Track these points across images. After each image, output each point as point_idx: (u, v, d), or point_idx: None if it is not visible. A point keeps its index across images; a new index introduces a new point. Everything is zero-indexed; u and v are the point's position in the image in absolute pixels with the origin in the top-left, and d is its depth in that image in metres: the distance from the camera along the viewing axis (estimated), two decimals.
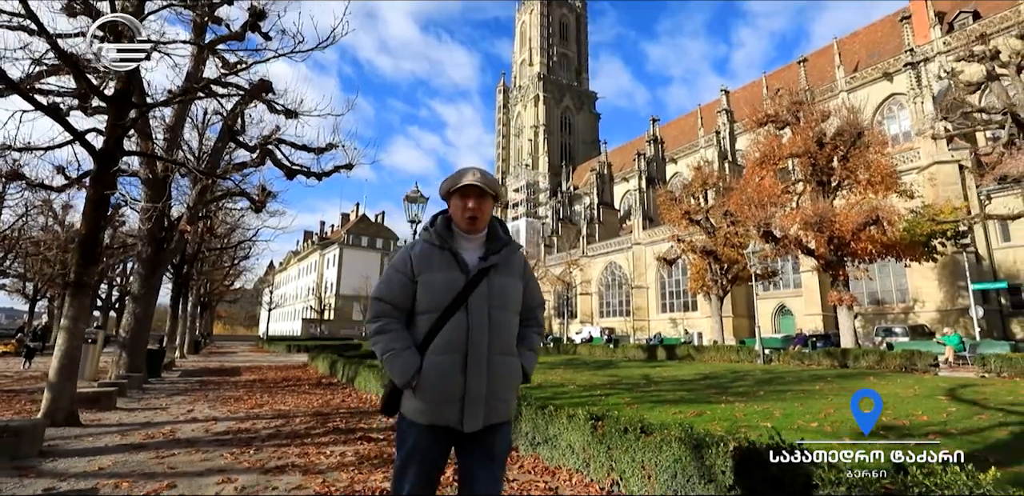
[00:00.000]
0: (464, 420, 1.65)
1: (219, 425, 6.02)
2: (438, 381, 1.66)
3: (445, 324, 1.69)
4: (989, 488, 1.86)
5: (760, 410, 6.21)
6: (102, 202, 6.39)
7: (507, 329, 1.78)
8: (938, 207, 19.55)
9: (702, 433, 2.97)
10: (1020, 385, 8.83)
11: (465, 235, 1.82)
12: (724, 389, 8.60)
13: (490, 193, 1.80)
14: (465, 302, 1.71)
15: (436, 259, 1.75)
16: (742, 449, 2.67)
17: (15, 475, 3.81)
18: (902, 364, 12.02)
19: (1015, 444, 4.38)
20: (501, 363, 1.74)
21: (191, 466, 4.14)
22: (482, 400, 1.67)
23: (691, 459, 2.87)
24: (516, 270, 1.86)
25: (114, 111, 6.48)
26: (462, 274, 1.74)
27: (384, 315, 1.76)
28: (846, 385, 8.82)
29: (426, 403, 1.67)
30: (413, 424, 1.69)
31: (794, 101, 21.10)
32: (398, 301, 1.76)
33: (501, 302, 1.76)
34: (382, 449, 4.72)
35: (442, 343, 1.68)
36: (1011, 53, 16.30)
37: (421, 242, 1.82)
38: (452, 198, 1.83)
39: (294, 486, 3.58)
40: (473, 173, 1.79)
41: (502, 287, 1.77)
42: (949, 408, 6.14)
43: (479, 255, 1.80)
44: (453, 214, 1.83)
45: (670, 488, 2.95)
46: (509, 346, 1.78)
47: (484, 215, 1.82)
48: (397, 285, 1.76)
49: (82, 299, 5.89)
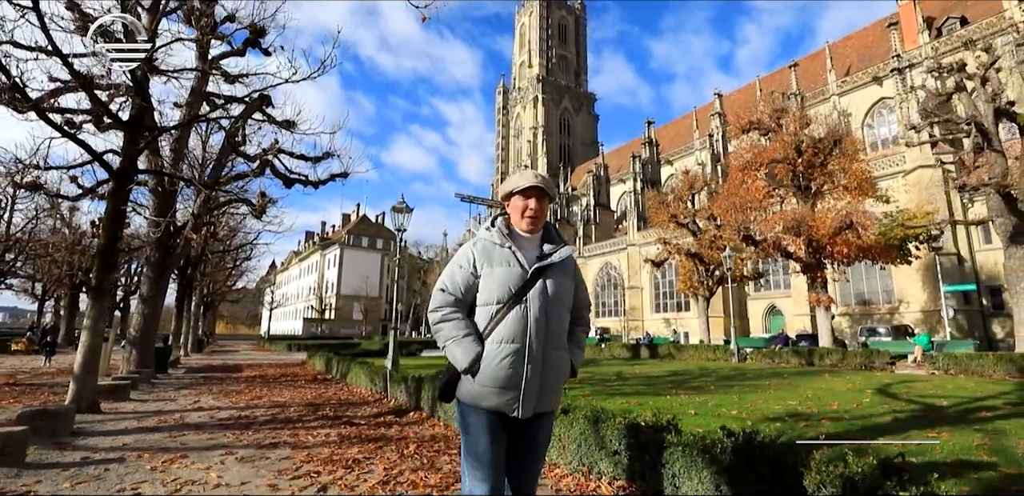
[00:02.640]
0: (519, 407, 1.75)
1: (222, 413, 6.84)
2: (497, 368, 1.74)
3: (506, 316, 1.78)
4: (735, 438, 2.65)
5: (698, 401, 7.00)
6: (119, 216, 7.21)
7: (561, 325, 1.87)
8: (911, 212, 20.26)
9: (602, 412, 3.76)
10: (957, 381, 9.60)
11: (524, 235, 1.93)
12: (681, 384, 9.40)
13: (548, 195, 1.93)
14: (524, 297, 1.80)
15: (497, 255, 1.86)
16: (628, 424, 3.47)
17: (56, 448, 4.63)
18: (862, 362, 12.79)
19: (887, 426, 5.15)
20: (555, 357, 1.83)
21: (199, 443, 4.95)
22: (536, 390, 1.76)
23: (591, 432, 3.66)
24: (570, 271, 1.96)
25: (129, 135, 7.29)
26: (522, 270, 1.83)
27: (447, 305, 1.86)
28: (795, 381, 9.60)
29: (485, 388, 1.76)
30: (472, 408, 1.80)
31: (776, 108, 21.85)
32: (460, 293, 1.86)
33: (557, 299, 1.85)
34: (362, 431, 5.52)
35: (503, 333, 1.77)
36: (978, 65, 17.05)
37: (483, 240, 1.91)
38: (513, 199, 1.93)
39: (284, 457, 4.39)
40: (535, 175, 1.91)
41: (557, 285, 1.86)
42: (864, 400, 6.92)
43: (536, 254, 1.91)
44: (512, 215, 1.94)
45: (576, 454, 3.75)
46: (562, 341, 1.88)
47: (543, 215, 1.93)
48: (460, 278, 1.87)
49: (102, 302, 6.70)
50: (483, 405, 1.76)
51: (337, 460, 4.26)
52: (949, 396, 7.27)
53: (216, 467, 4.04)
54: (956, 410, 6.07)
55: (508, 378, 1.74)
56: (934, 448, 3.90)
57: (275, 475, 3.81)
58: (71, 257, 26.82)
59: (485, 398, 1.75)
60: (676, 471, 2.94)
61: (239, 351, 31.01)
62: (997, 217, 15.63)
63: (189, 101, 11.89)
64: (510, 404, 1.74)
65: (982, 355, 11.30)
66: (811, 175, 19.84)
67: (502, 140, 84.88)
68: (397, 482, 3.63)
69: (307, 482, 3.64)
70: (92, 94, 7.01)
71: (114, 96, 8.87)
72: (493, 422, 1.77)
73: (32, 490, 3.44)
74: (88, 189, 10.97)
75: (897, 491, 2.06)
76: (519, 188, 1.89)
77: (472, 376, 1.77)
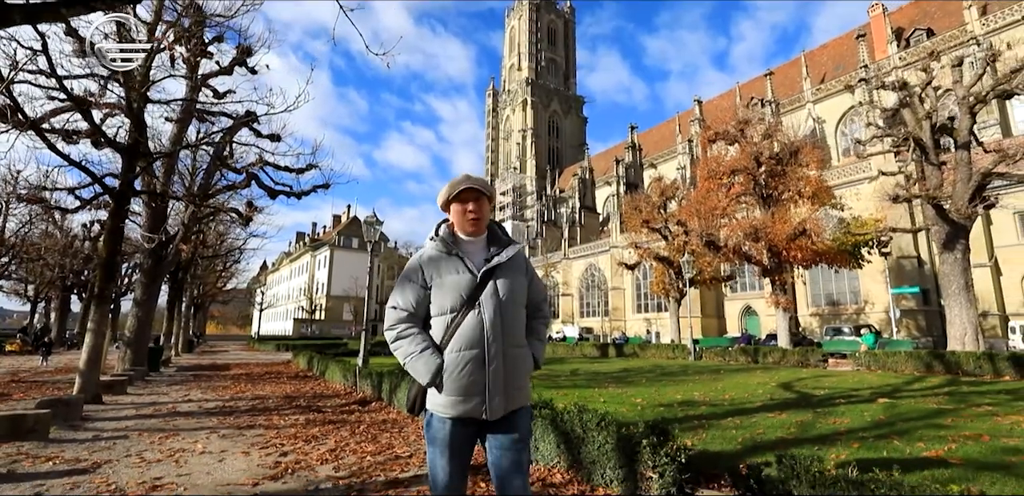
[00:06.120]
0: (487, 409, 1.77)
1: (209, 404, 7.89)
2: (460, 376, 1.77)
3: (461, 323, 1.81)
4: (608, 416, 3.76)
5: (620, 392, 8.14)
6: (118, 231, 8.23)
7: (517, 323, 1.90)
8: (863, 219, 21.60)
9: None
10: (865, 376, 10.83)
11: (468, 239, 1.95)
12: (621, 379, 10.54)
13: (486, 194, 1.93)
14: (476, 301, 1.82)
15: (444, 264, 1.88)
16: None
17: (70, 429, 5.68)
18: (799, 360, 14.03)
19: (750, 409, 6.28)
20: (515, 354, 1.85)
21: (188, 426, 6.01)
22: (501, 390, 1.79)
23: None
24: (520, 268, 1.97)
25: (127, 160, 8.31)
26: (471, 275, 1.85)
27: (401, 321, 1.88)
28: (723, 377, 10.79)
29: (451, 397, 1.78)
30: (441, 419, 1.81)
31: (740, 120, 23.10)
32: (413, 307, 1.88)
33: (509, 299, 1.86)
34: (327, 417, 6.60)
35: (460, 341, 1.79)
36: (919, 83, 18.39)
37: (429, 250, 1.93)
38: (452, 206, 1.94)
39: (257, 435, 5.46)
40: (466, 178, 1.93)
41: (508, 285, 1.87)
42: (759, 391, 8.10)
43: (484, 257, 1.91)
44: (455, 220, 1.96)
45: None
46: (520, 338, 1.90)
47: (484, 216, 1.95)
48: (411, 292, 1.88)
49: (104, 308, 7.73)
50: (450, 414, 1.79)
51: (300, 436, 5.34)
52: (835, 388, 8.47)
53: (202, 441, 5.11)
54: (822, 398, 7.24)
55: (471, 385, 1.77)
56: (756, 424, 5.06)
57: (248, 446, 4.89)
58: (63, 260, 27.60)
59: (453, 406, 1.78)
60: (537, 435, 4.05)
61: (228, 351, 31.88)
62: (933, 225, 16.93)
63: (181, 117, 12.90)
64: (478, 408, 1.77)
65: (896, 353, 12.56)
66: (771, 184, 21.14)
67: (492, 142, 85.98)
68: (342, 450, 4.71)
69: (273, 450, 4.72)
70: (89, 117, 7.96)
71: (109, 115, 9.87)
72: (461, 431, 1.81)
73: (59, 456, 4.50)
74: (86, 201, 11.94)
75: (649, 440, 3.18)
76: (453, 194, 1.91)
77: (438, 389, 1.80)
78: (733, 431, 4.82)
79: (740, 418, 5.56)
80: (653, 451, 3.07)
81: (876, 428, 4.95)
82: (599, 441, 3.43)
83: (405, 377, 6.96)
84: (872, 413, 5.85)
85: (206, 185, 12.53)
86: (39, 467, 4.15)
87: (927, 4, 40.98)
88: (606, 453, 3.38)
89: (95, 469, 4.07)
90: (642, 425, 3.31)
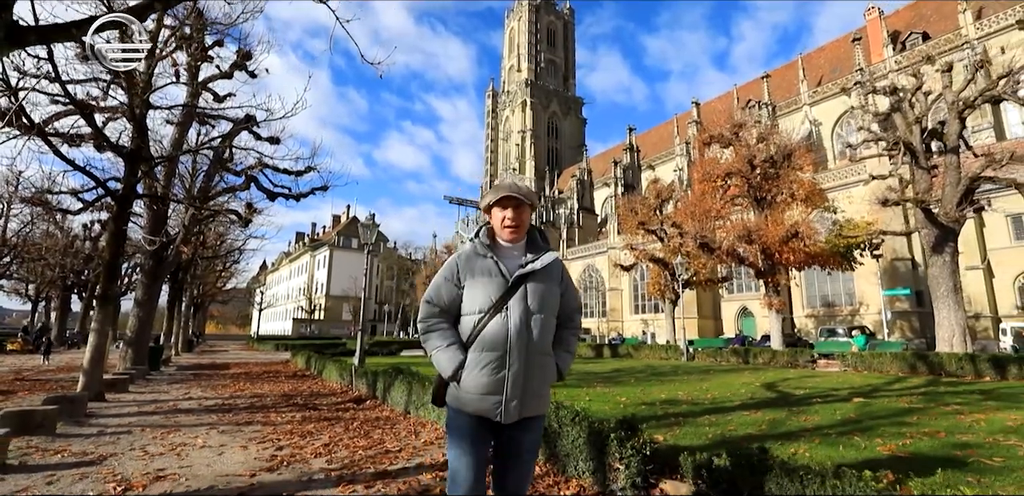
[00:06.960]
0: (503, 412, 1.80)
1: (209, 402, 8.14)
2: (479, 375, 1.82)
3: (487, 325, 1.85)
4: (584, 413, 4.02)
5: (607, 391, 8.40)
6: (120, 234, 8.48)
7: (545, 331, 1.91)
8: (854, 222, 21.87)
9: None
10: (850, 376, 11.09)
11: (506, 244, 2.00)
12: (610, 379, 10.80)
13: (527, 203, 1.98)
14: (504, 305, 1.86)
15: (479, 266, 1.93)
16: None
17: (75, 425, 5.93)
18: (788, 360, 14.29)
19: (729, 408, 6.52)
20: (538, 362, 1.87)
21: (189, 422, 6.27)
22: (518, 395, 1.81)
23: None
24: (555, 276, 1.99)
25: (129, 165, 8.56)
26: (503, 279, 1.90)
27: (433, 316, 1.95)
28: (710, 377, 11.05)
29: (468, 394, 1.83)
30: (459, 413, 1.87)
31: (735, 123, 23.37)
32: (445, 304, 1.95)
33: (538, 306, 1.89)
34: (322, 414, 6.85)
35: (483, 342, 1.84)
36: (910, 88, 18.66)
37: (467, 251, 1.99)
38: (493, 210, 2.00)
39: (255, 430, 5.72)
40: (511, 186, 1.97)
41: (540, 292, 1.90)
42: (742, 391, 8.35)
43: (519, 263, 1.95)
44: (494, 225, 2.01)
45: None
46: (546, 346, 1.92)
47: (523, 224, 1.98)
48: (444, 290, 1.95)
49: (107, 308, 7.98)
50: (468, 410, 1.83)
51: (295, 432, 5.59)
52: (816, 388, 8.73)
53: (202, 436, 5.36)
54: (800, 398, 7.50)
55: (489, 384, 1.80)
56: (730, 421, 5.33)
57: (246, 441, 5.15)
58: (64, 260, 27.84)
59: (469, 403, 1.82)
60: None
61: (228, 351, 32.13)
62: (922, 229, 17.19)
63: (182, 121, 13.15)
64: (494, 409, 1.80)
65: (881, 354, 12.83)
66: (765, 187, 21.40)
67: (491, 143, 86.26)
68: (336, 445, 4.96)
69: (269, 445, 4.97)
70: (91, 121, 8.20)
71: (111, 119, 10.12)
72: (476, 426, 1.84)
73: (67, 449, 4.76)
74: (88, 203, 12.20)
75: (617, 434, 3.43)
76: (496, 199, 1.97)
77: (457, 383, 1.85)
78: (707, 428, 5.08)
79: (717, 416, 5.81)
80: (620, 444, 3.33)
81: (842, 425, 5.21)
82: (572, 435, 3.69)
83: (399, 377, 7.21)
84: (844, 412, 6.11)
85: (206, 188, 12.78)
86: (48, 459, 4.40)
87: (923, 7, 41.32)
88: (579, 446, 3.63)
89: (101, 461, 4.32)
90: (614, 421, 3.56)
